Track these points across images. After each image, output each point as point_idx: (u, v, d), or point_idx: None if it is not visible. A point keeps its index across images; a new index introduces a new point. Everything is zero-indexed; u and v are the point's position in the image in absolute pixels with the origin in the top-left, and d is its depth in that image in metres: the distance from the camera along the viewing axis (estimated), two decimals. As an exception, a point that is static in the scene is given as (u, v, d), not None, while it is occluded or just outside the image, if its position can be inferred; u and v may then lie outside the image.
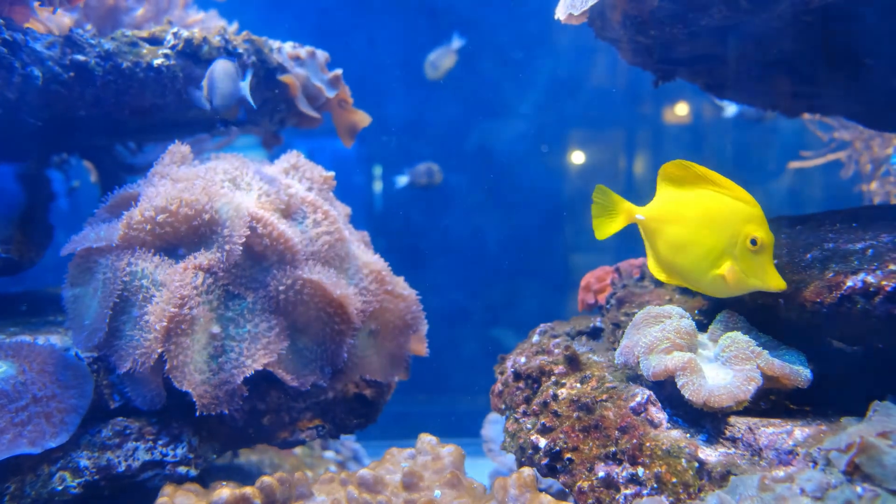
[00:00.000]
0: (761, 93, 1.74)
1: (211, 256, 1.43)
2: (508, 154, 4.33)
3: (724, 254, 1.19)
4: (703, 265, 1.22)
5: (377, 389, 1.69)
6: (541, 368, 1.41)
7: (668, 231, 1.28)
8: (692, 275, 1.26)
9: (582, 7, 1.39)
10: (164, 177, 1.57)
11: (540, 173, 4.37)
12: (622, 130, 4.27)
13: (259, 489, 1.18)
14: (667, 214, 1.28)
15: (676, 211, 1.26)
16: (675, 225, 1.26)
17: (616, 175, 4.27)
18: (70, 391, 1.41)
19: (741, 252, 1.17)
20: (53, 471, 1.34)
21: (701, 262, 1.22)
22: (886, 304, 1.06)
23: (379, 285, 1.62)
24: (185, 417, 1.44)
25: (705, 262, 1.21)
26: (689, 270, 1.26)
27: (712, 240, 1.20)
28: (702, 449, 1.11)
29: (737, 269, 1.18)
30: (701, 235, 1.22)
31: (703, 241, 1.21)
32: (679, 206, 1.26)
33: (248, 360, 1.41)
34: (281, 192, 1.58)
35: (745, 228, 1.17)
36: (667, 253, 1.29)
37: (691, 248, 1.24)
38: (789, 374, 1.15)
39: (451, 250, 4.21)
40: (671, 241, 1.27)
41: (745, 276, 1.17)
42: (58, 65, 1.62)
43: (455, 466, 1.26)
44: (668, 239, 1.28)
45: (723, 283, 1.20)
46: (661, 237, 1.30)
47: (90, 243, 1.47)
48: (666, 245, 1.29)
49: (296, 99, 2.01)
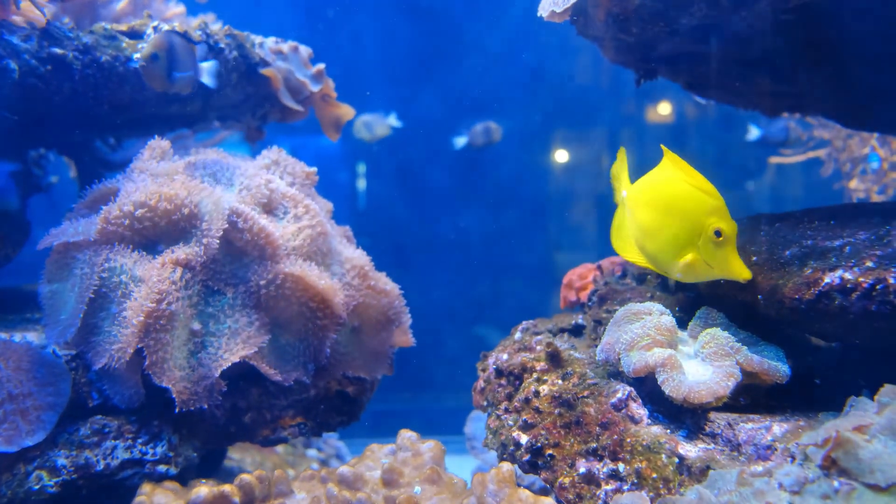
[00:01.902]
0: (742, 91, 1.75)
1: (189, 251, 1.42)
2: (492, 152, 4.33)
3: (689, 243, 1.21)
4: (668, 252, 1.25)
5: (360, 386, 1.68)
6: (523, 365, 1.41)
7: (640, 214, 1.30)
8: (658, 260, 1.29)
9: (564, 4, 1.39)
10: (143, 172, 1.55)
11: (524, 171, 4.38)
12: (605, 128, 4.29)
13: (238, 487, 1.17)
14: (641, 196, 1.31)
15: (650, 195, 1.29)
16: (647, 208, 1.29)
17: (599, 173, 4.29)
18: (47, 389, 1.39)
19: (705, 243, 1.20)
20: (30, 470, 1.32)
21: (666, 248, 1.25)
22: (863, 300, 1.07)
23: (362, 280, 1.61)
24: (165, 415, 1.43)
25: (671, 249, 1.24)
26: (655, 255, 1.29)
27: (675, 228, 1.23)
28: (682, 444, 1.12)
29: (699, 260, 1.21)
30: (666, 223, 1.25)
31: (668, 228, 1.24)
32: (652, 191, 1.29)
33: (226, 353, 1.39)
34: (262, 188, 1.57)
35: (708, 220, 1.19)
36: (637, 235, 1.32)
37: (658, 233, 1.26)
38: (768, 369, 1.16)
39: (434, 248, 4.21)
40: (641, 224, 1.30)
41: (708, 266, 1.20)
42: (35, 58, 1.59)
43: (435, 462, 1.26)
44: (639, 222, 1.31)
45: (687, 270, 1.23)
46: (634, 219, 1.33)
47: (67, 237, 1.45)
48: (637, 228, 1.32)
49: (278, 92, 2.00)
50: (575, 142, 4.36)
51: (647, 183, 1.31)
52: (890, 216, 1.24)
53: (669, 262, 1.25)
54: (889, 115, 1.63)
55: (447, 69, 4.14)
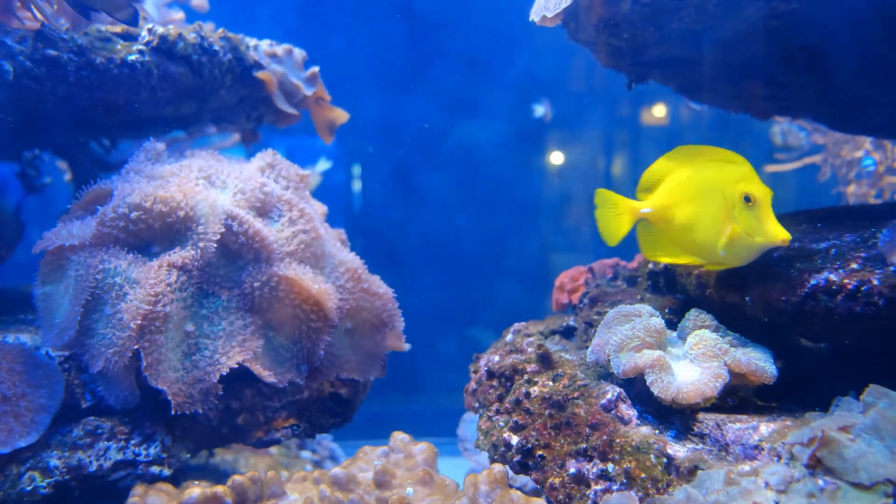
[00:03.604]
0: (733, 95, 1.77)
1: (185, 254, 1.43)
2: (486, 154, 4.34)
3: (727, 218, 1.20)
4: (713, 236, 1.22)
5: (353, 388, 1.69)
6: (514, 367, 1.42)
7: (677, 214, 1.29)
8: (707, 249, 1.25)
9: (556, 9, 1.40)
10: (138, 173, 1.56)
11: (517, 173, 4.39)
12: (598, 131, 4.30)
13: (231, 488, 1.18)
14: (671, 199, 1.30)
15: (679, 192, 1.29)
16: (681, 205, 1.28)
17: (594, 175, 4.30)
18: (40, 390, 1.39)
19: (740, 212, 1.18)
20: (23, 471, 1.32)
21: (710, 233, 1.23)
22: (848, 301, 1.08)
23: (355, 283, 1.62)
24: (158, 417, 1.44)
25: (714, 232, 1.22)
26: (703, 246, 1.25)
27: (713, 208, 1.22)
28: (670, 445, 1.13)
29: (737, 231, 1.18)
30: (703, 207, 1.24)
31: (706, 211, 1.23)
32: (679, 187, 1.29)
33: (222, 357, 1.40)
34: (257, 191, 1.58)
35: (736, 187, 1.18)
36: (681, 235, 1.30)
37: (699, 222, 1.25)
38: (755, 370, 1.17)
39: (428, 250, 4.21)
40: (681, 222, 1.28)
41: (748, 235, 1.18)
42: (29, 59, 1.60)
43: (427, 464, 1.27)
44: (679, 221, 1.29)
45: (734, 248, 1.20)
46: (673, 222, 1.31)
47: (62, 241, 1.45)
48: (678, 229, 1.30)
49: (273, 96, 2.01)
50: (568, 144, 4.38)
51: (668, 187, 1.31)
52: (876, 219, 1.25)
53: (715, 245, 1.22)
54: (875, 118, 1.65)
55: (441, 71, 4.15)
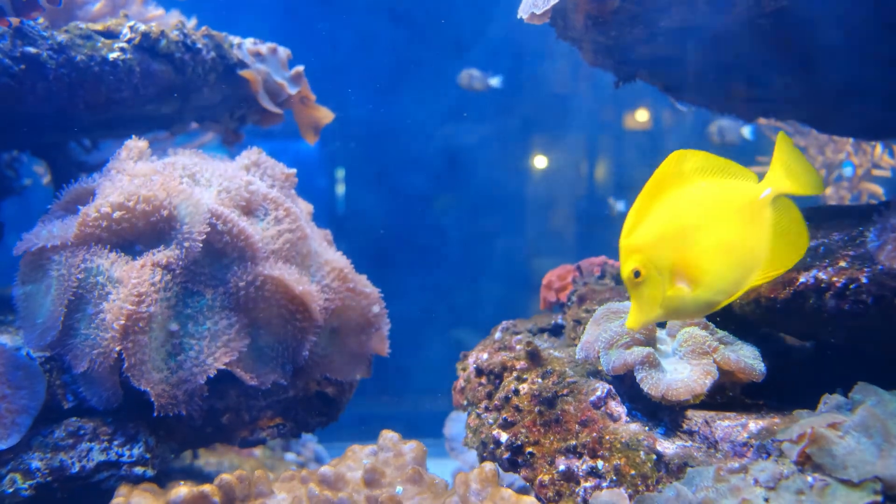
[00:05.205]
0: (718, 96, 1.78)
1: (170, 253, 1.41)
2: (471, 156, 4.34)
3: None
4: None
5: (339, 388, 1.68)
6: (503, 364, 1.42)
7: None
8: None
9: (544, 6, 1.40)
10: (120, 172, 1.53)
11: (503, 175, 4.40)
12: (584, 133, 4.33)
13: (218, 486, 1.16)
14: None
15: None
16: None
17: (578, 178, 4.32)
18: (21, 391, 1.37)
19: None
20: (3, 473, 1.30)
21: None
22: (836, 299, 1.09)
23: (341, 283, 1.61)
24: (142, 417, 1.41)
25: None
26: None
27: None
28: (660, 442, 1.13)
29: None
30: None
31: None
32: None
33: (208, 358, 1.38)
34: (242, 189, 1.56)
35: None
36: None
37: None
38: (744, 368, 1.17)
39: (414, 252, 4.21)
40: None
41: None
42: (7, 57, 1.57)
43: (417, 462, 1.26)
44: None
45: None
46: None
47: (43, 242, 1.43)
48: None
49: (257, 95, 1.99)
50: (553, 147, 4.39)
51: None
52: (864, 218, 1.26)
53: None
54: (860, 119, 1.67)
55: (426, 72, 4.15)
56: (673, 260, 0.94)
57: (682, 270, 0.94)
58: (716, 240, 0.94)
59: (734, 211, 0.96)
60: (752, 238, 0.95)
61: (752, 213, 0.96)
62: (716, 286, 0.96)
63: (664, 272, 0.94)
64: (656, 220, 0.95)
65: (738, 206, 0.96)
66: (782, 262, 0.97)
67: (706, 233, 0.95)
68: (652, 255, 0.94)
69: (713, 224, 0.95)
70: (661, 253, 0.94)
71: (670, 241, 0.94)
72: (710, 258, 0.95)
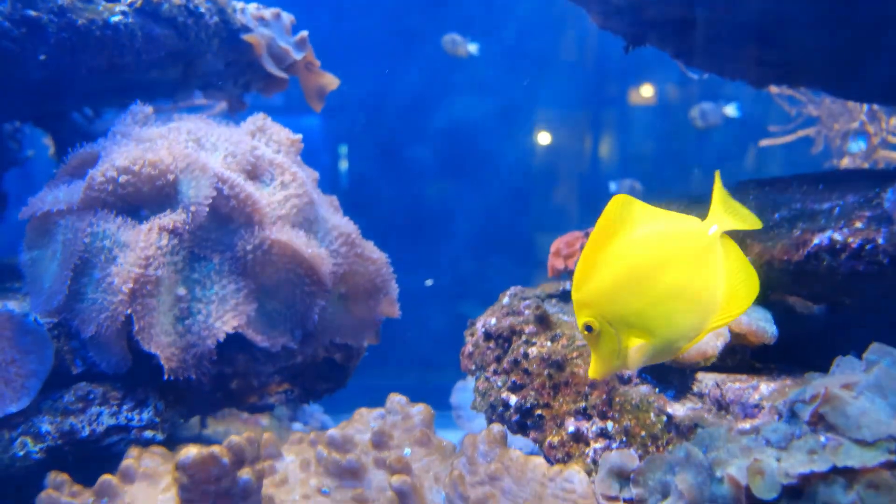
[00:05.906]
0: (730, 59, 1.75)
1: (176, 217, 1.40)
2: (476, 128, 4.32)
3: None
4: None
5: (347, 353, 1.68)
6: (511, 328, 1.41)
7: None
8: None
9: (554, -35, 1.37)
10: (126, 136, 1.52)
11: (508, 148, 4.37)
12: (590, 106, 4.29)
13: (227, 448, 1.16)
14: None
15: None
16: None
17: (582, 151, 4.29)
18: (30, 356, 1.37)
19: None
20: (14, 436, 1.31)
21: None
22: (851, 260, 1.08)
23: (349, 248, 1.60)
24: (151, 382, 1.41)
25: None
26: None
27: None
28: (670, 403, 1.13)
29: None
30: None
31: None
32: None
33: (216, 322, 1.38)
34: (247, 154, 1.55)
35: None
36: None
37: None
38: (756, 330, 1.16)
39: (418, 226, 4.20)
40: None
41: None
42: (8, 20, 1.55)
43: (425, 425, 1.26)
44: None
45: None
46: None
47: (49, 206, 1.42)
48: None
49: (261, 58, 1.96)
50: (559, 119, 4.36)
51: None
52: (879, 180, 1.24)
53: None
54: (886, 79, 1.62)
55: (430, 44, 4.10)
56: (623, 313, 0.90)
57: (634, 322, 0.91)
58: (666, 286, 0.90)
59: (682, 253, 0.92)
60: (704, 280, 0.92)
61: (700, 255, 0.93)
62: (671, 335, 0.91)
63: (618, 324, 0.91)
64: (605, 271, 0.90)
65: (685, 248, 0.92)
66: (738, 303, 0.92)
67: (656, 280, 0.90)
68: (603, 310, 0.90)
69: (662, 269, 0.90)
70: (611, 307, 0.90)
71: (620, 292, 0.90)
72: (662, 307, 0.90)
